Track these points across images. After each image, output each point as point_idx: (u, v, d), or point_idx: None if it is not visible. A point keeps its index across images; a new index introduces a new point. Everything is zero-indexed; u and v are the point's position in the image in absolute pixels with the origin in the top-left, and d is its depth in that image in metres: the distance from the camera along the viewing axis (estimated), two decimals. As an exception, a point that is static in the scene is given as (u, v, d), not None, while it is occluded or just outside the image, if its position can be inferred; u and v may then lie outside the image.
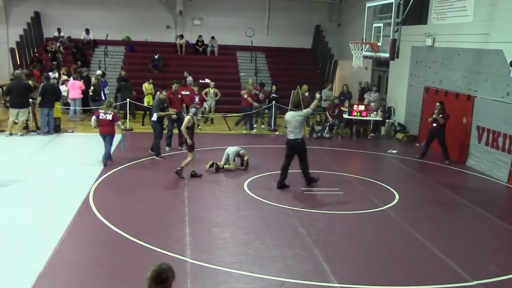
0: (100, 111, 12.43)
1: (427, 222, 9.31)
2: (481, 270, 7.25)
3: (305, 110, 10.78)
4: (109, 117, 12.15)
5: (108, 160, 12.27)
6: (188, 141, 11.23)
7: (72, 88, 17.66)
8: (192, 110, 11.48)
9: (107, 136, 12.21)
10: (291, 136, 10.70)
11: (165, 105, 13.28)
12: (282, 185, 10.81)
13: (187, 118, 11.29)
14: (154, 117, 12.98)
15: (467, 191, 11.72)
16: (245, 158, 12.23)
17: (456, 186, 11.94)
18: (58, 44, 22.96)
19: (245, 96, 17.37)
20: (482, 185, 12.17)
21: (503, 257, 7.92)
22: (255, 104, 17.63)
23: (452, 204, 10.57)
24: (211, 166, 12.04)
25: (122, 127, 13.24)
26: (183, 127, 11.28)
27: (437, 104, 13.87)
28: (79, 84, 17.84)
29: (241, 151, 12.36)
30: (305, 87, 18.25)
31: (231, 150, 12.29)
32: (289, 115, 10.91)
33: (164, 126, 13.78)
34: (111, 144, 12.30)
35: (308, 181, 11.03)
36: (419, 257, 7.75)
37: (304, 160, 10.86)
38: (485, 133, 13.13)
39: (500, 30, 12.67)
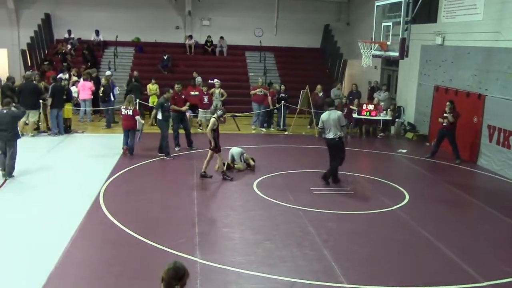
0: (122, 107, 13.49)
1: (437, 222, 9.26)
2: (492, 271, 7.19)
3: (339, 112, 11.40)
4: (130, 112, 13.18)
5: (132, 152, 13.27)
6: (212, 143, 11.24)
7: (82, 89, 17.78)
8: (219, 112, 11.44)
9: (130, 130, 13.30)
10: (331, 136, 11.01)
11: (169, 104, 13.34)
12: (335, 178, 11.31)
13: (212, 120, 11.26)
14: (159, 116, 13.07)
15: (478, 191, 11.64)
16: (252, 164, 12.20)
17: (467, 185, 11.86)
18: (68, 46, 23.11)
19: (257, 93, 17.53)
20: (493, 184, 12.07)
21: (514, 257, 7.85)
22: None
23: (462, 204, 10.50)
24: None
25: (142, 121, 13.94)
26: (208, 130, 11.27)
27: (448, 103, 13.78)
28: (89, 85, 17.94)
29: (245, 155, 12.30)
30: (319, 87, 18.30)
31: (235, 151, 12.26)
32: (332, 116, 11.01)
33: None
34: (133, 137, 13.35)
35: (335, 179, 11.28)
36: (429, 257, 7.70)
37: (343, 157, 11.23)
38: (496, 132, 13.03)
39: (510, 28, 12.56)
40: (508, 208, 10.25)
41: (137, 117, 13.29)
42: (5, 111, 10.93)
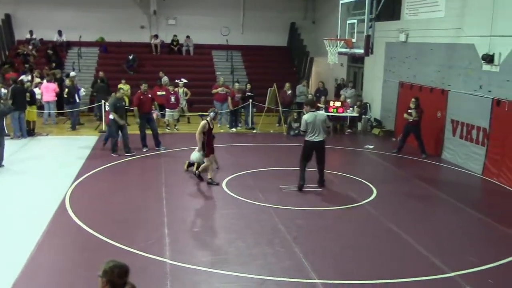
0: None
1: (405, 216, 9.41)
2: (459, 262, 7.35)
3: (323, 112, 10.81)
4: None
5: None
6: (199, 147, 10.74)
7: (46, 91, 17.36)
8: (211, 114, 10.91)
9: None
10: (319, 138, 10.42)
11: (123, 104, 13.25)
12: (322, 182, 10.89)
13: (202, 123, 10.67)
14: (111, 116, 13.11)
15: (443, 184, 11.88)
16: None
17: (433, 179, 12.10)
18: (30, 46, 22.55)
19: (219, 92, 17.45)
20: (458, 177, 12.35)
21: (480, 248, 8.05)
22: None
23: (429, 198, 10.70)
24: (189, 166, 11.94)
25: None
26: (197, 133, 10.59)
27: (413, 99, 14.01)
28: (53, 86, 17.55)
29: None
30: (287, 85, 18.39)
31: (194, 156, 11.82)
32: (318, 117, 10.44)
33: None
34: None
35: (322, 182, 10.86)
36: (398, 251, 7.83)
37: (324, 160, 10.77)
38: (459, 126, 13.33)
39: (472, 25, 12.87)
40: (473, 201, 10.51)
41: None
42: None
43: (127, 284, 3.72)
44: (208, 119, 10.78)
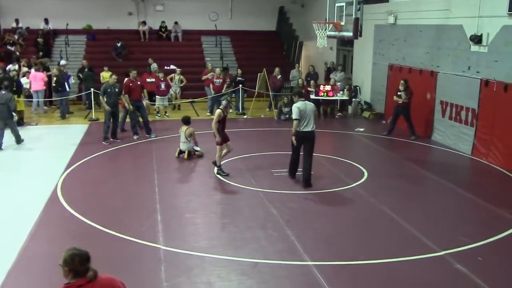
0: None
1: (396, 197, 9.51)
2: (448, 241, 7.45)
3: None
4: None
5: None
6: (217, 138, 10.38)
7: (34, 80, 17.20)
8: (224, 102, 10.64)
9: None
10: (309, 128, 9.82)
11: (116, 90, 13.20)
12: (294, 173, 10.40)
13: (217, 111, 10.39)
14: (104, 101, 13.13)
15: (433, 165, 11.99)
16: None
17: (423, 160, 12.20)
18: (16, 35, 22.26)
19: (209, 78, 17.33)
20: (448, 158, 12.46)
21: (470, 227, 8.16)
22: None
23: (419, 178, 10.80)
24: (180, 153, 11.95)
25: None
26: (213, 122, 10.31)
27: (402, 81, 14.06)
28: (41, 75, 17.39)
29: (187, 136, 11.85)
30: (277, 69, 18.36)
31: (183, 146, 11.88)
32: (309, 106, 9.89)
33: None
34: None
35: (309, 181, 10.02)
36: (389, 232, 7.92)
37: (312, 152, 10.11)
38: (449, 107, 13.42)
39: (459, 6, 12.89)
40: (462, 181, 10.62)
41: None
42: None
43: (90, 270, 3.72)
44: (221, 107, 10.50)
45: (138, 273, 6.45)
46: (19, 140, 13.18)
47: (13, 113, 13.14)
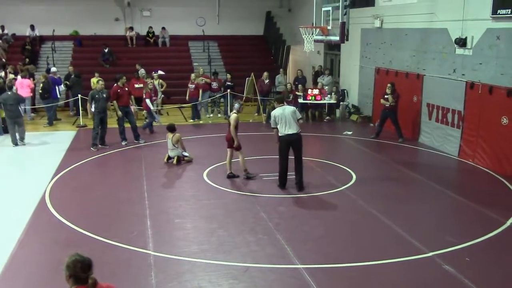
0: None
1: (384, 199, 9.57)
2: (436, 241, 7.53)
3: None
4: None
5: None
6: (236, 143, 10.41)
7: (20, 87, 17.04)
8: (236, 106, 10.66)
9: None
10: (292, 131, 9.81)
11: (103, 96, 13.20)
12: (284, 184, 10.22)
13: (234, 116, 10.36)
14: (92, 108, 13.19)
15: (420, 167, 12.09)
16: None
17: (410, 162, 12.30)
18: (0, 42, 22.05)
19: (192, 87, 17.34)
20: (435, 160, 12.58)
21: (457, 228, 8.26)
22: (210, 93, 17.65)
23: (407, 181, 10.89)
24: (169, 158, 11.95)
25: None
26: (232, 128, 10.30)
27: (388, 85, 14.19)
28: (28, 82, 17.28)
29: (174, 143, 11.86)
30: (265, 74, 18.42)
31: (172, 153, 11.91)
32: (287, 110, 9.87)
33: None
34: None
35: (301, 185, 10.06)
36: (378, 234, 7.98)
37: (301, 156, 10.08)
38: (435, 109, 13.56)
39: (444, 9, 13.05)
40: (450, 182, 10.73)
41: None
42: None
43: (90, 279, 3.72)
44: (236, 111, 10.52)
45: (128, 279, 6.44)
46: (23, 138, 14.01)
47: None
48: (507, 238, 7.79)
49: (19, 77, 17.49)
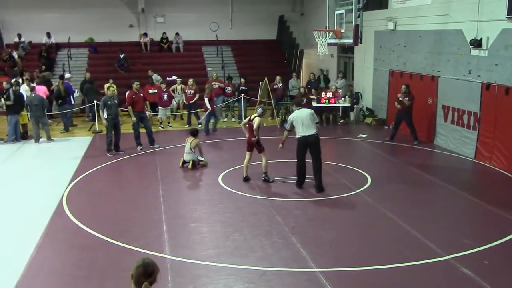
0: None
1: (400, 202, 9.52)
2: (454, 245, 7.47)
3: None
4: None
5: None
6: (259, 144, 10.72)
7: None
8: (259, 110, 10.86)
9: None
10: (309, 132, 9.95)
11: (115, 102, 13.31)
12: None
13: (258, 120, 10.57)
14: (105, 115, 13.24)
15: (436, 170, 12.00)
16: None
17: (426, 165, 12.22)
18: (9, 50, 22.24)
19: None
20: (451, 162, 12.48)
21: (474, 230, 8.19)
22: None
23: (423, 183, 10.81)
24: (184, 162, 12.01)
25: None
26: (255, 129, 10.57)
27: (403, 86, 14.12)
28: (43, 89, 17.45)
29: (192, 147, 11.92)
30: (278, 78, 18.45)
31: (187, 157, 11.98)
32: (305, 112, 10.09)
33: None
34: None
35: (321, 187, 10.13)
36: (394, 237, 7.93)
37: (320, 157, 10.18)
38: (451, 111, 13.45)
39: (459, 10, 12.96)
40: (466, 184, 10.64)
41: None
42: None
43: (145, 286, 3.80)
44: (259, 115, 10.75)
45: (145, 283, 6.47)
46: (50, 137, 15.19)
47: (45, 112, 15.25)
48: (526, 241, 7.70)
49: (34, 84, 17.69)
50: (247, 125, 10.86)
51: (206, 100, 15.83)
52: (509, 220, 8.45)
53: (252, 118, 10.76)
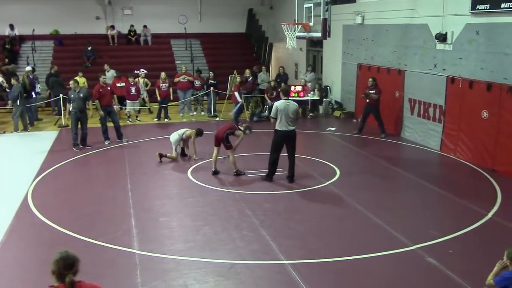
0: None
1: (368, 194, 9.65)
2: (420, 235, 7.61)
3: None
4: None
5: None
6: (234, 147, 10.91)
7: (0, 87, 16.88)
8: (247, 132, 11.08)
9: None
10: (290, 127, 10.01)
11: (80, 95, 12.99)
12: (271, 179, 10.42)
13: (240, 133, 10.84)
14: (70, 108, 13.08)
15: (403, 162, 12.21)
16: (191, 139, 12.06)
17: (393, 157, 12.41)
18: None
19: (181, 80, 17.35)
20: (417, 154, 12.71)
21: (440, 221, 8.37)
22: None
23: (390, 175, 10.99)
24: (162, 157, 11.86)
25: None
26: (238, 141, 10.89)
27: (370, 79, 14.30)
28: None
29: (184, 134, 12.00)
30: (247, 71, 18.40)
31: (172, 138, 12.08)
32: (291, 107, 9.96)
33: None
34: None
35: (292, 178, 10.31)
36: (362, 228, 8.05)
37: (295, 151, 10.36)
38: (417, 104, 13.69)
39: (425, 5, 13.17)
40: (432, 176, 10.85)
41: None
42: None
43: (68, 277, 3.71)
44: (242, 129, 11.00)
45: (113, 278, 6.40)
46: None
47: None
48: (489, 230, 7.92)
49: (-1, 77, 17.23)
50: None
51: (236, 94, 16.21)
52: (474, 210, 8.67)
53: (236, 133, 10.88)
